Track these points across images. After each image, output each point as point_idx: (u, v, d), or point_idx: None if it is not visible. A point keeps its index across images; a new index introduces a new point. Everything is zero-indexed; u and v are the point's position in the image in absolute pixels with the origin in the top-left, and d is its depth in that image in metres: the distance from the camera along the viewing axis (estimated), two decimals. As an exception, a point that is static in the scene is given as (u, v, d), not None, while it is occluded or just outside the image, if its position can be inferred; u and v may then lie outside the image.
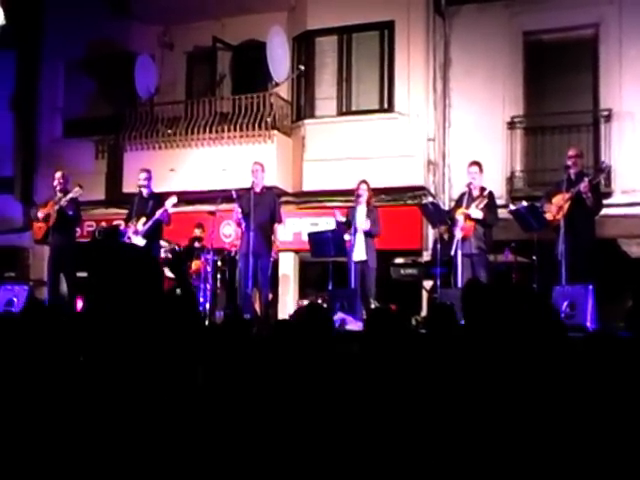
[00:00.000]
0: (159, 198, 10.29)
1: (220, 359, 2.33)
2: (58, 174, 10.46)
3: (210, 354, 2.31)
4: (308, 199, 14.37)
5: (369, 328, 4.45)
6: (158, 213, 9.94)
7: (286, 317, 9.84)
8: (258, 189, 10.00)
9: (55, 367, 2.13)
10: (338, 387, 2.60)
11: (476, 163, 9.46)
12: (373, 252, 9.87)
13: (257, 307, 9.99)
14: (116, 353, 2.06)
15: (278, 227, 10.29)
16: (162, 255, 10.87)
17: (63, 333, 2.74)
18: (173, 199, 10.04)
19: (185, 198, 12.41)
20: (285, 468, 2.10)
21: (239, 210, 9.81)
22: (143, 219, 9.99)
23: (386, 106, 14.13)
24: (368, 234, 9.85)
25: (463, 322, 5.77)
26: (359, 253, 9.78)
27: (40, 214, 10.27)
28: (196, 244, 11.82)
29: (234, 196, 9.92)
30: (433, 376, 3.44)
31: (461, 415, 2.74)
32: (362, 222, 9.80)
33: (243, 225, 9.81)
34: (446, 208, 11.73)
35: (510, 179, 13.50)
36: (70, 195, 10.11)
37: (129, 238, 9.96)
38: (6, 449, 1.96)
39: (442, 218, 10.09)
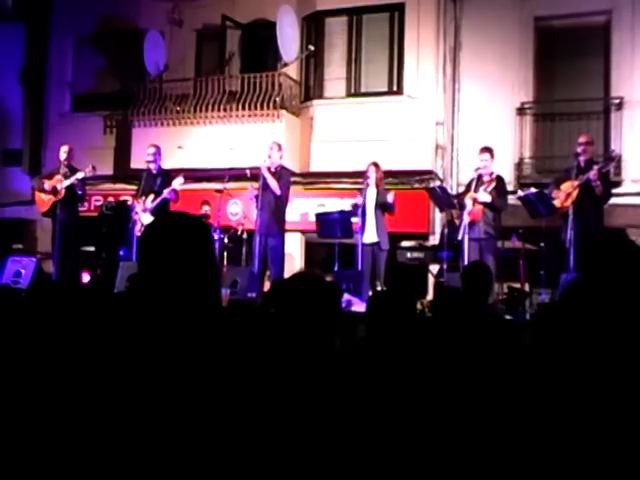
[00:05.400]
0: (167, 175, 10.30)
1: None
2: (64, 147, 10.49)
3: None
4: (315, 180, 14.35)
5: (371, 310, 4.45)
6: (166, 192, 9.94)
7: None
8: (272, 168, 9.94)
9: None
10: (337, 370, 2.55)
11: (488, 150, 9.38)
12: (385, 233, 9.72)
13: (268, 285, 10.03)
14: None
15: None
16: None
17: (73, 308, 2.71)
18: (180, 180, 10.01)
19: (192, 175, 12.40)
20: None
21: (255, 189, 9.79)
22: (151, 196, 10.02)
23: (395, 88, 14.08)
24: (385, 209, 9.73)
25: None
26: (370, 235, 9.66)
27: (47, 186, 10.28)
28: (202, 222, 11.80)
29: (248, 175, 9.89)
30: (437, 361, 3.43)
31: (464, 402, 2.71)
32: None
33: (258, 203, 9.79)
34: (454, 192, 11.68)
35: (519, 165, 13.45)
36: (82, 175, 10.17)
37: (137, 214, 10.01)
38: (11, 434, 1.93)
39: (450, 202, 10.06)
